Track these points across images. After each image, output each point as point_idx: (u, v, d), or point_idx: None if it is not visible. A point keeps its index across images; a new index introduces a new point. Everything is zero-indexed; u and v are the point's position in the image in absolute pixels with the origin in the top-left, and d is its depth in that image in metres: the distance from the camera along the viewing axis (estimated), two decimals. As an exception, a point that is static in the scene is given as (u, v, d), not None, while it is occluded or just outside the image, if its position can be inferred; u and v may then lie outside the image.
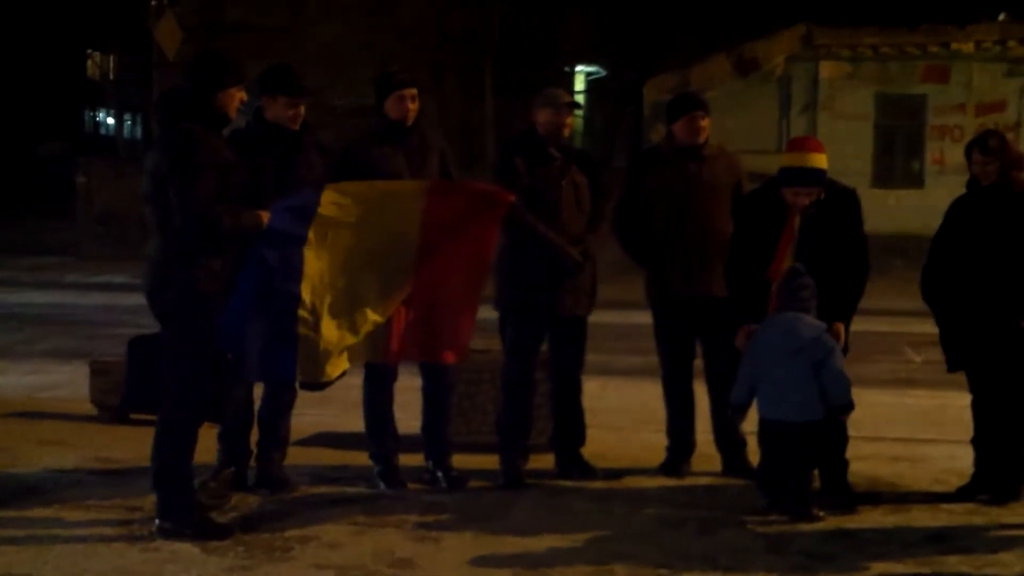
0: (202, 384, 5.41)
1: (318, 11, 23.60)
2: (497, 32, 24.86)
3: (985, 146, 6.17)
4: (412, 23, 23.35)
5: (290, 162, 6.02)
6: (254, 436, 6.20)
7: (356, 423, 6.58)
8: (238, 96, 5.47)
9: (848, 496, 6.14)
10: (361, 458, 6.52)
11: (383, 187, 5.93)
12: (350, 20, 23.01)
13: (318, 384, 5.75)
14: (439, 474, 6.33)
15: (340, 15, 23.15)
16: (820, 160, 5.99)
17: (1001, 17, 24.25)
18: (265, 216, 5.50)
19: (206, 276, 5.31)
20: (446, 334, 6.11)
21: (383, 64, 22.58)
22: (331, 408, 7.71)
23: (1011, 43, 23.45)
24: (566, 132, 6.49)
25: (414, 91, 6.26)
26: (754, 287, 5.96)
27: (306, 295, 5.58)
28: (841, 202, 6.06)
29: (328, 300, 5.63)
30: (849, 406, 5.77)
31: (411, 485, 6.27)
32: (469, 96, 24.01)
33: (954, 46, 23.35)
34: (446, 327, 6.09)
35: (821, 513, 5.80)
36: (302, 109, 6.10)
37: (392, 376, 6.28)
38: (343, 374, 5.78)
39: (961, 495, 6.26)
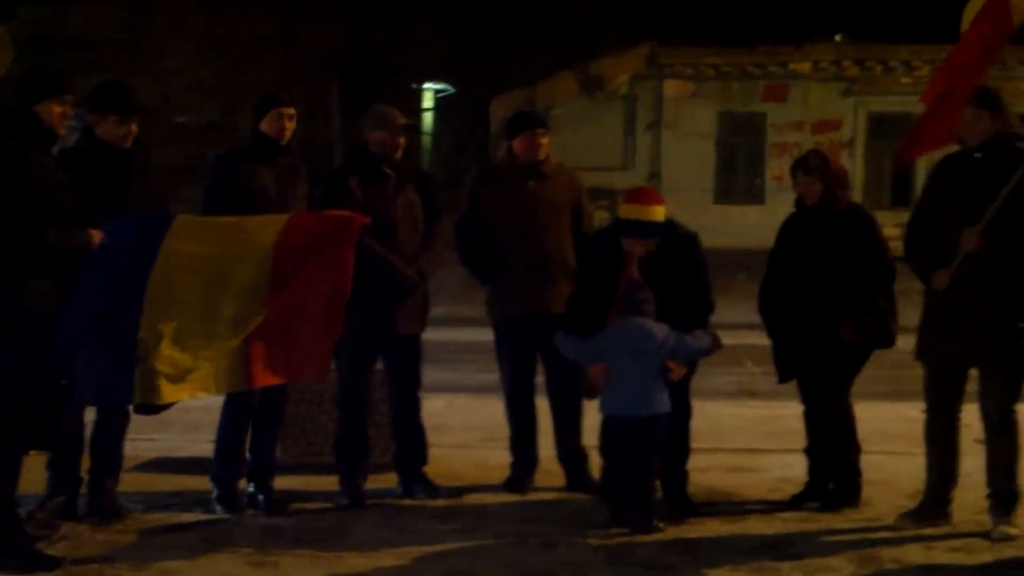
0: (28, 409, 5.22)
1: (161, 25, 23.15)
2: (345, 48, 24.74)
3: (807, 166, 6.35)
4: (258, 38, 23.07)
5: (122, 182, 5.86)
6: (85, 463, 6.01)
7: (192, 447, 6.45)
8: (58, 111, 5.29)
9: (687, 506, 6.25)
10: (198, 483, 6.38)
11: (238, 217, 5.84)
12: (194, 35, 22.64)
13: (154, 408, 5.62)
14: (260, 497, 6.24)
15: (184, 29, 22.75)
16: (658, 213, 6.03)
17: (837, 38, 25.10)
18: (96, 236, 5.34)
19: (32, 296, 5.13)
20: (306, 357, 6.00)
21: (228, 80, 22.38)
22: (167, 433, 7.54)
23: (846, 63, 24.28)
24: (399, 153, 6.46)
25: (292, 111, 6.26)
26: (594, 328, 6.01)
27: (148, 318, 5.45)
28: (681, 246, 6.14)
29: (173, 324, 5.50)
30: (711, 348, 5.96)
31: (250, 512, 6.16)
32: (316, 113, 23.82)
33: (792, 66, 24.08)
34: (305, 350, 5.98)
35: (661, 524, 5.88)
36: (134, 127, 5.95)
37: (254, 399, 6.18)
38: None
39: (795, 503, 6.42)
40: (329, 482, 6.50)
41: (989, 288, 5.73)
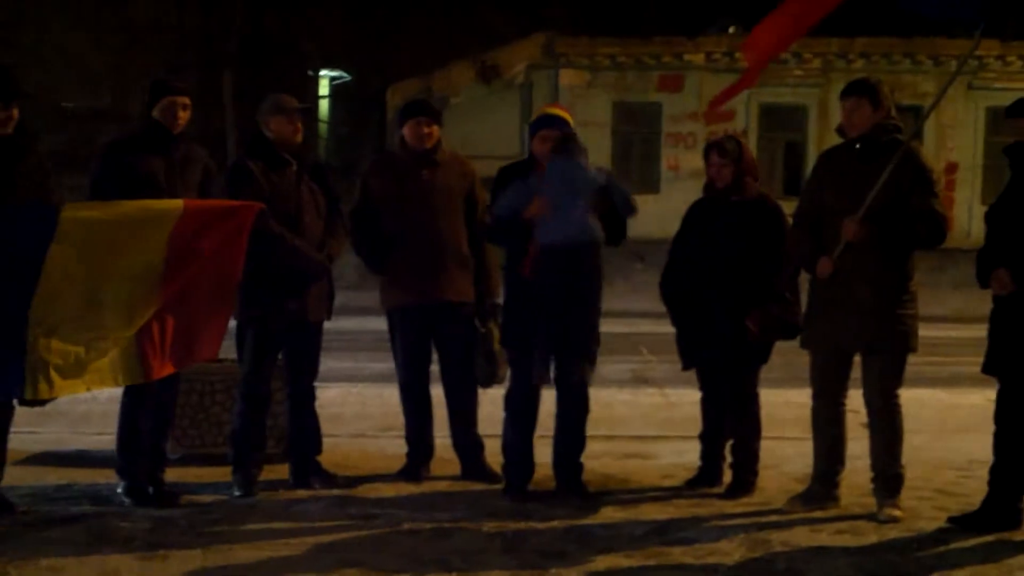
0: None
1: (46, 8, 22.58)
2: (238, 34, 24.38)
3: (723, 149, 6.43)
4: (147, 22, 22.65)
5: (3, 169, 5.70)
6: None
7: (80, 440, 6.32)
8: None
9: (582, 495, 6.29)
10: (87, 475, 6.26)
11: (132, 205, 5.72)
12: (81, 17, 22.12)
13: (42, 400, 5.50)
14: (150, 489, 6.14)
15: (69, 12, 22.21)
16: (562, 111, 6.55)
17: (731, 30, 25.44)
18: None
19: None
20: (199, 344, 5.95)
21: (116, 65, 21.93)
22: (54, 425, 7.37)
23: (739, 55, 24.53)
24: (298, 138, 6.41)
25: (187, 100, 6.14)
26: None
27: (38, 310, 5.33)
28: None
29: (63, 315, 5.40)
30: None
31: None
32: (208, 99, 23.46)
33: (686, 57, 24.35)
34: (198, 338, 5.93)
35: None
36: (15, 113, 5.79)
37: (151, 390, 6.06)
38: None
39: (688, 488, 6.51)
40: (221, 473, 6.43)
41: (869, 276, 5.85)
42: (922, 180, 5.83)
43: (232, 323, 6.27)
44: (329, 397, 6.69)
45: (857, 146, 5.94)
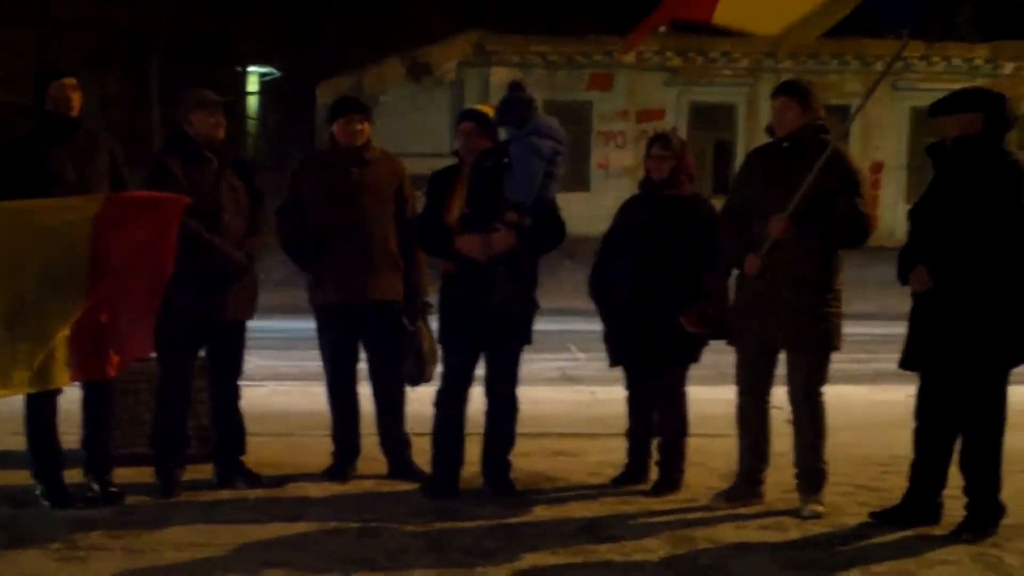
0: None
1: (-36, 2, 22.19)
2: (164, 28, 24.07)
3: (667, 141, 6.47)
4: (71, 16, 22.27)
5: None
6: None
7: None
8: None
9: (510, 493, 6.29)
10: (5, 477, 6.13)
11: (47, 204, 5.61)
12: (0, 12, 21.72)
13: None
14: (96, 487, 6.04)
15: (-10, 6, 21.85)
16: (484, 108, 6.55)
17: (661, 29, 25.51)
18: None
19: None
20: (128, 343, 5.89)
21: (38, 61, 21.54)
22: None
23: (669, 54, 24.77)
24: (221, 133, 6.33)
25: (73, 80, 5.98)
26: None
27: None
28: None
29: None
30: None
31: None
32: (134, 95, 23.16)
33: (617, 55, 24.41)
34: (127, 336, 5.86)
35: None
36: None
37: (56, 389, 5.95)
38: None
39: (615, 485, 6.53)
40: (144, 473, 6.34)
41: (795, 274, 5.90)
42: (849, 181, 5.90)
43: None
44: (256, 396, 6.62)
45: (785, 145, 5.99)
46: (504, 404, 6.31)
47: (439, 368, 6.45)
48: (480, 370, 6.32)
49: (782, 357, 6.09)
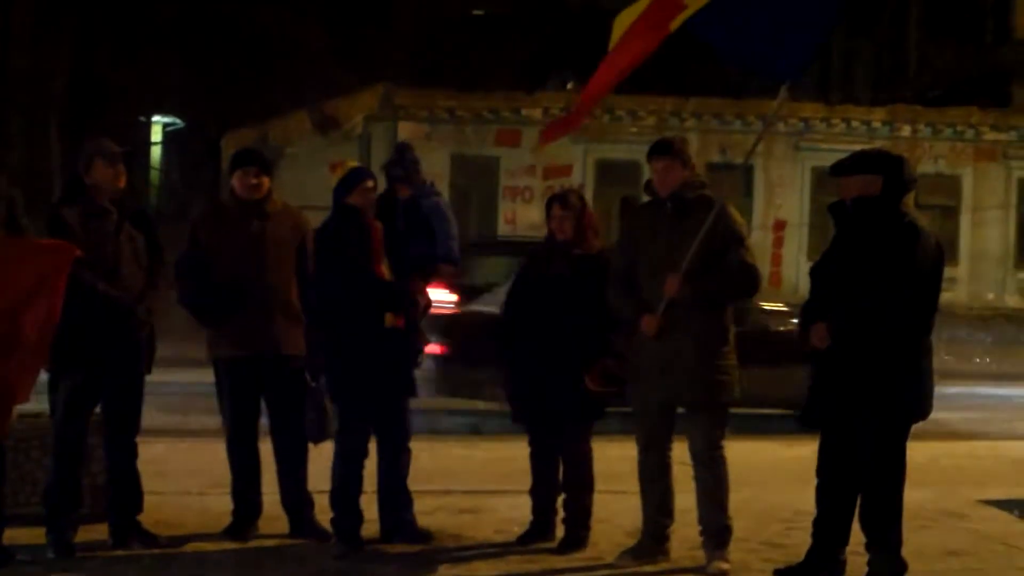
0: None
1: None
2: (65, 74, 23.69)
3: (566, 201, 6.49)
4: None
5: None
6: None
7: None
8: None
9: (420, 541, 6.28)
10: None
11: None
12: None
13: None
14: None
15: None
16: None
17: (569, 86, 25.86)
18: None
19: None
20: (17, 391, 5.74)
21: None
22: None
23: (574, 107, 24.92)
24: (121, 183, 6.23)
25: None
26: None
27: None
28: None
29: None
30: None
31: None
32: (33, 140, 22.72)
33: (524, 112, 24.64)
34: (14, 380, 5.70)
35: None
36: None
37: None
38: None
39: (520, 543, 6.47)
40: (35, 535, 6.13)
41: (691, 331, 5.94)
42: (734, 235, 6.00)
43: (44, 375, 6.03)
44: (154, 453, 6.47)
45: (668, 204, 6.06)
46: (398, 456, 6.40)
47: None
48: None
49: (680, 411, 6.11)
